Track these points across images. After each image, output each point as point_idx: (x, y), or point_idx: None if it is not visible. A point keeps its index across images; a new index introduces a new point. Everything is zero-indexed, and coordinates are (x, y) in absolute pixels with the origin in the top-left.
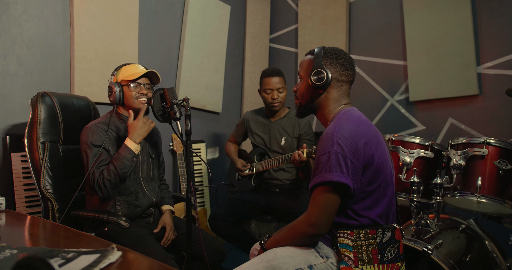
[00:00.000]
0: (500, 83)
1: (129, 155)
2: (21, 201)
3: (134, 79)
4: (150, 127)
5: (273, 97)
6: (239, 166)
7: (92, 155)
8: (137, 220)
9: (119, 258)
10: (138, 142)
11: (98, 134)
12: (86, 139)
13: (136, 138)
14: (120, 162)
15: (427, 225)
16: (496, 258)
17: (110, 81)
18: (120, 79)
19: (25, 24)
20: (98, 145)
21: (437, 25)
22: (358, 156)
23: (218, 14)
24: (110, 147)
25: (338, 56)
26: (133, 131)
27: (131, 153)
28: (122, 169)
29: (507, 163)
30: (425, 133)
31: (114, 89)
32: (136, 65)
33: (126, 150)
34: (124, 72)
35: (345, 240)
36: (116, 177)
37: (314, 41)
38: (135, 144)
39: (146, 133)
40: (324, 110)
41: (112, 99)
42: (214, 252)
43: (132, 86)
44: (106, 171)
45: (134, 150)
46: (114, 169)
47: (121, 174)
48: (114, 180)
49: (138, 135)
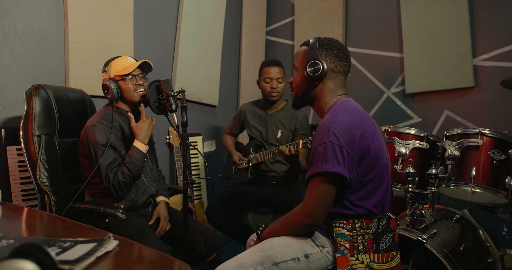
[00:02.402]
0: (495, 75)
1: (141, 157)
2: (18, 194)
3: (129, 72)
4: (153, 125)
5: (272, 86)
6: (235, 159)
7: (103, 156)
8: (137, 210)
9: (115, 247)
10: (146, 143)
11: (104, 132)
12: (94, 138)
13: (144, 139)
14: (133, 165)
15: (422, 215)
16: (489, 247)
17: (103, 79)
18: (113, 75)
19: (18, 16)
20: (106, 144)
21: (433, 17)
22: (354, 146)
23: (214, 6)
24: (116, 143)
25: (333, 46)
26: (140, 133)
27: (142, 154)
28: (136, 171)
29: (501, 153)
30: (421, 125)
31: (110, 86)
32: (125, 58)
33: (136, 152)
34: (115, 66)
35: (341, 230)
36: (131, 179)
37: (311, 33)
38: (143, 145)
39: (151, 132)
40: (320, 101)
41: (110, 96)
42: (207, 243)
43: (128, 79)
44: (121, 174)
45: (144, 150)
46: (128, 171)
47: (135, 175)
48: (129, 182)
49: (146, 135)
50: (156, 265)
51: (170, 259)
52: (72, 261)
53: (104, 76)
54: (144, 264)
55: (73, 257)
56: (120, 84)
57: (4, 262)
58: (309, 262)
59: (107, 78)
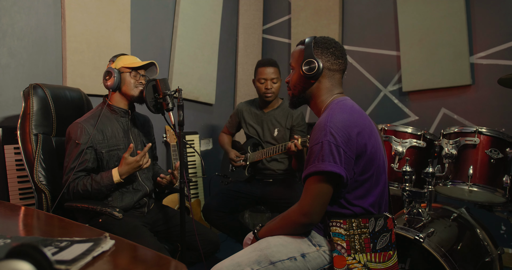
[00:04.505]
0: (492, 73)
1: (109, 185)
2: (15, 193)
3: (136, 67)
4: (143, 168)
5: (267, 87)
6: (232, 156)
7: (74, 156)
8: (131, 211)
9: (112, 247)
10: (123, 178)
11: (86, 132)
12: (75, 136)
13: (124, 174)
14: (98, 187)
15: (419, 214)
16: (487, 246)
17: (109, 67)
18: (119, 66)
19: (16, 15)
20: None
21: (430, 15)
22: (351, 145)
23: (210, 4)
24: (98, 144)
25: (329, 45)
26: (125, 167)
27: (111, 184)
28: (97, 193)
29: (499, 152)
30: (418, 123)
31: (114, 73)
32: (135, 57)
33: (108, 179)
34: (124, 60)
35: (338, 229)
36: (87, 194)
37: (307, 31)
38: (119, 178)
39: (135, 171)
40: (317, 100)
41: (109, 83)
42: (208, 243)
43: (132, 74)
44: (82, 184)
45: (116, 181)
46: (89, 187)
47: (93, 194)
48: (84, 195)
49: (127, 172)
50: (152, 265)
51: (166, 259)
52: (69, 261)
53: (110, 65)
54: (140, 264)
55: (70, 257)
56: (123, 76)
57: (0, 263)
58: (305, 261)
59: (112, 67)
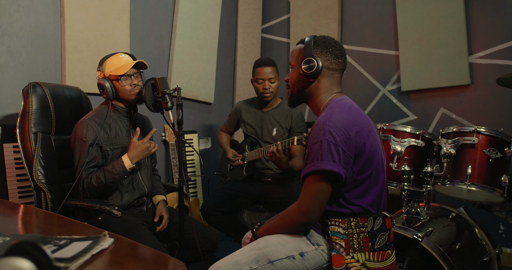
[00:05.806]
0: (491, 72)
1: (122, 172)
2: (14, 191)
3: (124, 73)
4: (151, 152)
5: (265, 87)
6: (229, 156)
7: (84, 153)
8: (130, 209)
9: (111, 245)
10: (134, 163)
11: (93, 130)
12: (81, 134)
13: (134, 159)
14: (111, 176)
15: (418, 213)
16: (486, 245)
17: (98, 78)
18: (107, 74)
19: (15, 14)
20: (91, 142)
21: (429, 15)
22: (350, 144)
23: (209, 3)
24: (104, 141)
25: (328, 44)
26: (134, 151)
27: (124, 170)
28: (111, 182)
29: (497, 151)
30: (417, 123)
31: (105, 85)
32: (119, 56)
33: (120, 166)
34: (109, 66)
35: (337, 228)
36: (102, 186)
37: (306, 31)
38: (130, 163)
39: (145, 157)
40: (316, 99)
41: (105, 95)
42: (207, 241)
43: (123, 79)
44: (95, 177)
45: (128, 168)
46: (103, 179)
47: (108, 186)
48: (99, 189)
49: (136, 156)
50: (151, 263)
51: (165, 257)
52: (68, 259)
53: (99, 75)
54: (139, 262)
55: (69, 255)
56: (115, 84)
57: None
58: (304, 260)
59: (102, 77)
